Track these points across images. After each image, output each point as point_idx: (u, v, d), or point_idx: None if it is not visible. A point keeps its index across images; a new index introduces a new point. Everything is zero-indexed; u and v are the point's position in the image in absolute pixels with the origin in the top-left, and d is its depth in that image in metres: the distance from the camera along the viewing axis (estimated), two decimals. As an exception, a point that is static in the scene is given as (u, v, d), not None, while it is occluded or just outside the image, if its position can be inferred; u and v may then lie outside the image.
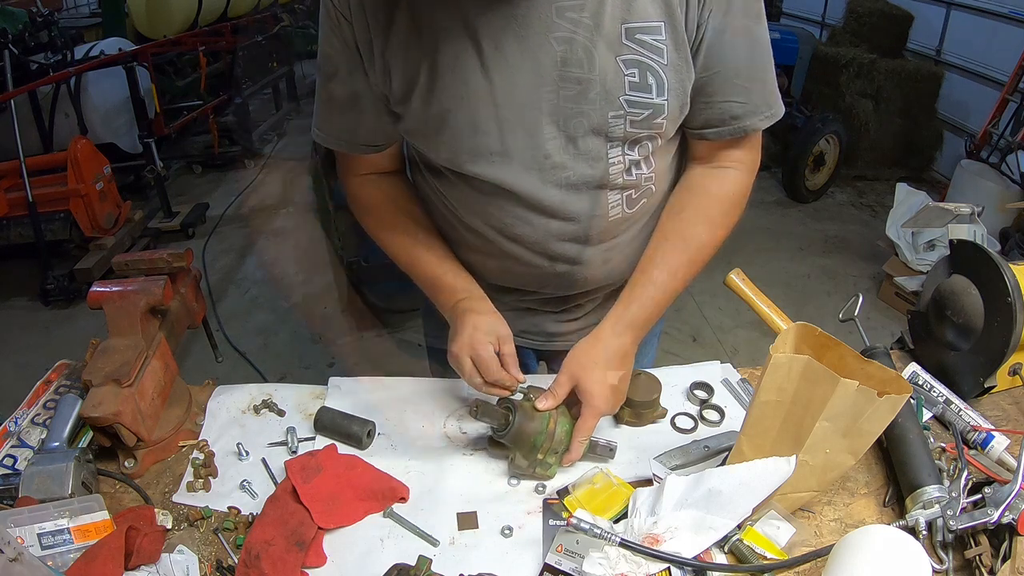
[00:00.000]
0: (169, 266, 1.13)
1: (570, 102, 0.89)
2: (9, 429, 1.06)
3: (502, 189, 0.97)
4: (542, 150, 0.93)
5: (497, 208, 1.00)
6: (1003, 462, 0.98)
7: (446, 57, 0.88)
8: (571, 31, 0.85)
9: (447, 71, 0.89)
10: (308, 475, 0.95)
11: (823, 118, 4.57)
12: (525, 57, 0.87)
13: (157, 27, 5.42)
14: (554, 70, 0.87)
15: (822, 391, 0.79)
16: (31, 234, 3.53)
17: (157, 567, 0.84)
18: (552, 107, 0.90)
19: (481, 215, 1.03)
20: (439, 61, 0.89)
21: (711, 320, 3.52)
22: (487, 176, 0.96)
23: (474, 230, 1.06)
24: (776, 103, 0.99)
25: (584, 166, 0.95)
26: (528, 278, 1.10)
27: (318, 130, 1.06)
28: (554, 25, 0.85)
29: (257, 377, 3.06)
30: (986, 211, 3.07)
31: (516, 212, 1.00)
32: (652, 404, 1.09)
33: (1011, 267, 1.05)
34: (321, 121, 1.06)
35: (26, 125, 3.74)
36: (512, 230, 1.02)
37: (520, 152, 0.93)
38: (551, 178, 0.96)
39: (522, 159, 0.94)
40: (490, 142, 0.93)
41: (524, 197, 0.97)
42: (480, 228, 1.05)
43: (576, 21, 0.85)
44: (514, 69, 0.88)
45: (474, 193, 1.01)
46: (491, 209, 1.01)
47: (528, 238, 1.02)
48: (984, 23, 4.68)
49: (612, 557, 0.81)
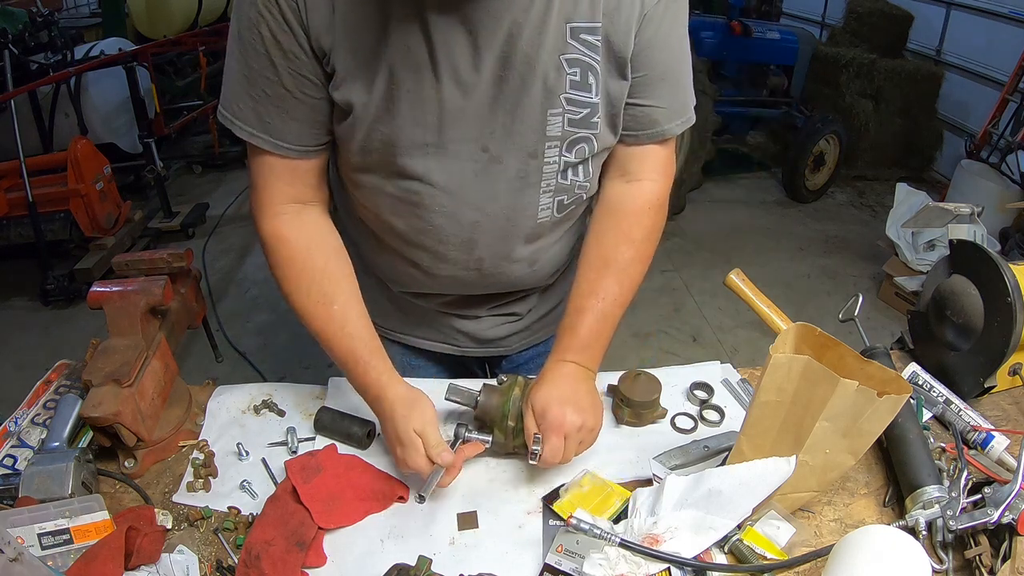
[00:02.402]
0: (169, 266, 1.13)
1: (512, 98, 0.89)
2: (9, 429, 1.06)
3: (431, 185, 0.95)
4: (480, 143, 0.92)
5: (425, 204, 0.97)
6: (1003, 462, 0.98)
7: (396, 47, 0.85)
8: (518, 28, 0.85)
9: (397, 60, 0.86)
10: (308, 475, 0.95)
11: (823, 118, 4.57)
12: (472, 55, 0.86)
13: (157, 27, 5.42)
14: (498, 66, 0.87)
15: (822, 391, 0.79)
16: (31, 234, 3.52)
17: (157, 567, 0.84)
18: (494, 101, 0.89)
19: (405, 215, 1.00)
20: (388, 48, 0.85)
21: (711, 320, 3.52)
22: (418, 170, 0.93)
23: (400, 234, 1.03)
24: (691, 110, 1.02)
25: (520, 162, 0.94)
26: (455, 281, 1.08)
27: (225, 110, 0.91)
28: (501, 21, 0.84)
29: (257, 377, 3.06)
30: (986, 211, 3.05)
31: (444, 207, 0.97)
32: (652, 404, 1.09)
33: (1011, 267, 1.05)
34: (233, 96, 0.90)
35: (26, 125, 3.74)
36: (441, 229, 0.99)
37: (456, 144, 0.92)
38: (485, 172, 0.94)
39: (457, 152, 0.92)
40: (427, 134, 0.91)
41: (455, 191, 0.95)
42: (402, 228, 1.01)
43: (523, 20, 0.84)
44: (459, 62, 0.86)
45: (401, 191, 0.97)
46: (418, 208, 0.98)
47: (455, 236, 1.00)
48: (984, 23, 4.68)
49: (612, 557, 0.81)
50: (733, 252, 4.14)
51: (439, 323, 1.21)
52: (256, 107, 0.89)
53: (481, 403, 1.01)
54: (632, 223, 1.03)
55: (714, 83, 4.19)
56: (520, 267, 1.08)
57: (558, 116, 0.91)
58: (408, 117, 0.89)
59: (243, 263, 4.11)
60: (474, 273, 1.06)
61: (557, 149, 0.94)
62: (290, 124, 0.91)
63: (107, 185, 3.76)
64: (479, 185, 0.95)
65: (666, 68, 0.96)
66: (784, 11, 6.39)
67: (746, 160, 5.55)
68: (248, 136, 0.92)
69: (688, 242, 4.27)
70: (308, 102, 0.90)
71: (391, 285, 1.17)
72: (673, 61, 0.96)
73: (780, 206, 4.81)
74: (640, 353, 3.26)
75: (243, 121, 0.91)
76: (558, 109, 0.91)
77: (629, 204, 1.04)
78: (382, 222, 1.03)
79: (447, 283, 1.09)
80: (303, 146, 0.94)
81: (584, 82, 0.90)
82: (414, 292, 1.16)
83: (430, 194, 0.95)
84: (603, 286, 1.01)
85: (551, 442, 0.91)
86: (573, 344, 0.99)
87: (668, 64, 0.96)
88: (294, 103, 0.89)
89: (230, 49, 0.89)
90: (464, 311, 1.19)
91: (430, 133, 0.90)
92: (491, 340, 1.23)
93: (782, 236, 4.39)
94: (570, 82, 0.89)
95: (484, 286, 1.11)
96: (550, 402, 0.93)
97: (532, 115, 0.90)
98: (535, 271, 1.11)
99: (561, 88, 0.89)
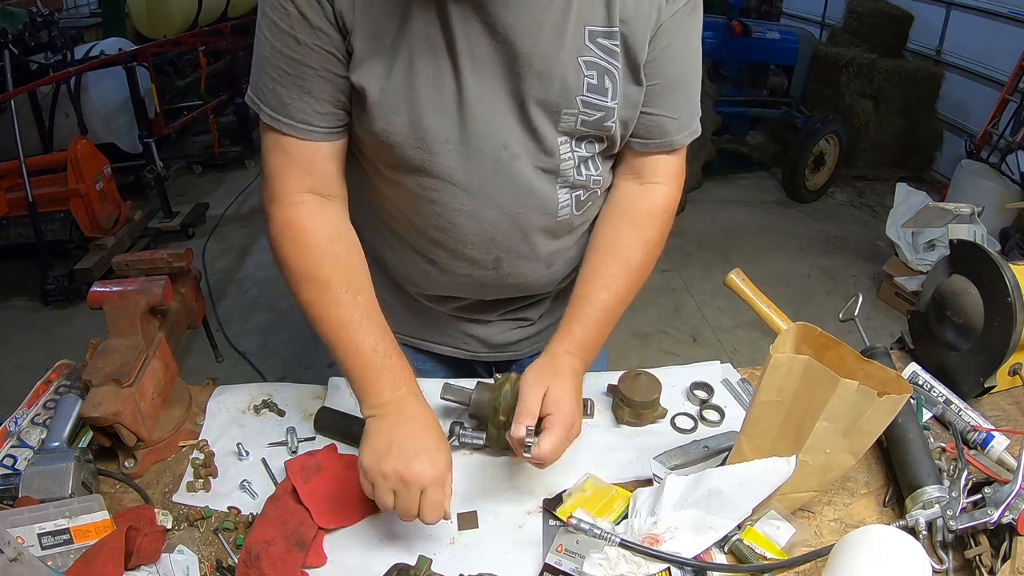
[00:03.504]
0: (169, 266, 1.13)
1: (530, 94, 0.89)
2: (9, 429, 1.06)
3: (452, 183, 0.94)
4: (501, 139, 0.92)
5: (444, 203, 0.96)
6: (1003, 462, 0.98)
7: (416, 33, 0.85)
8: (537, 25, 0.85)
9: (418, 48, 0.86)
10: (308, 475, 0.95)
11: (823, 118, 4.58)
12: (491, 48, 0.87)
13: (157, 27, 5.42)
14: (517, 61, 0.87)
15: (822, 391, 0.79)
16: (31, 234, 3.52)
17: (157, 567, 0.84)
18: (512, 96, 0.90)
19: (424, 212, 0.99)
20: (408, 33, 0.86)
21: (711, 320, 3.52)
22: (440, 169, 0.93)
23: (420, 230, 1.02)
24: (697, 121, 1.03)
25: (537, 159, 0.95)
26: (472, 281, 1.07)
27: (252, 94, 0.92)
28: (520, 17, 0.85)
29: (257, 377, 3.06)
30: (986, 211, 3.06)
31: (464, 206, 0.97)
32: (652, 404, 1.09)
33: (1011, 267, 1.05)
34: (259, 80, 0.90)
35: (26, 125, 3.73)
36: (460, 227, 0.99)
37: (477, 139, 0.91)
38: (506, 170, 0.94)
39: (479, 146, 0.92)
40: (448, 128, 0.90)
41: (476, 190, 0.95)
42: (421, 224, 1.01)
43: (542, 19, 0.85)
44: (478, 52, 0.87)
45: (421, 189, 0.96)
46: (437, 206, 0.97)
47: (475, 235, 0.99)
48: (984, 23, 4.69)
49: (612, 557, 0.81)
50: (733, 252, 4.14)
51: (451, 327, 1.20)
52: (278, 89, 0.89)
53: (474, 400, 1.02)
54: (647, 224, 1.03)
55: (714, 83, 4.19)
56: (537, 268, 1.07)
57: (572, 116, 0.92)
58: (429, 106, 0.88)
59: (243, 263, 4.11)
60: (491, 273, 1.05)
61: (569, 145, 0.95)
62: (312, 104, 0.89)
63: (107, 185, 3.76)
64: (499, 183, 0.95)
65: (677, 79, 0.97)
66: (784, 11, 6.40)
67: (746, 160, 5.55)
68: (270, 119, 0.91)
69: (688, 242, 4.27)
70: (332, 80, 0.88)
71: (406, 286, 1.16)
72: (685, 73, 0.97)
73: (780, 206, 4.82)
74: (640, 353, 3.26)
75: (267, 105, 0.90)
76: (573, 110, 0.91)
77: (643, 204, 1.04)
78: (402, 217, 1.03)
79: (463, 282, 1.08)
80: (324, 128, 0.92)
81: (601, 86, 0.90)
82: (428, 295, 1.15)
83: (451, 192, 0.95)
84: (615, 283, 1.00)
85: (556, 435, 0.87)
86: (578, 339, 0.98)
87: (680, 75, 0.97)
88: (318, 82, 0.88)
89: (257, 34, 0.88)
90: (476, 315, 1.18)
91: (451, 126, 0.90)
92: (502, 345, 1.22)
93: (782, 236, 4.39)
94: (587, 84, 0.90)
95: (499, 287, 1.09)
96: (563, 395, 0.91)
97: (548, 113, 0.91)
98: (552, 273, 1.10)
99: (578, 89, 0.90)
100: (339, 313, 0.91)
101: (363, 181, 1.05)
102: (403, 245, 1.08)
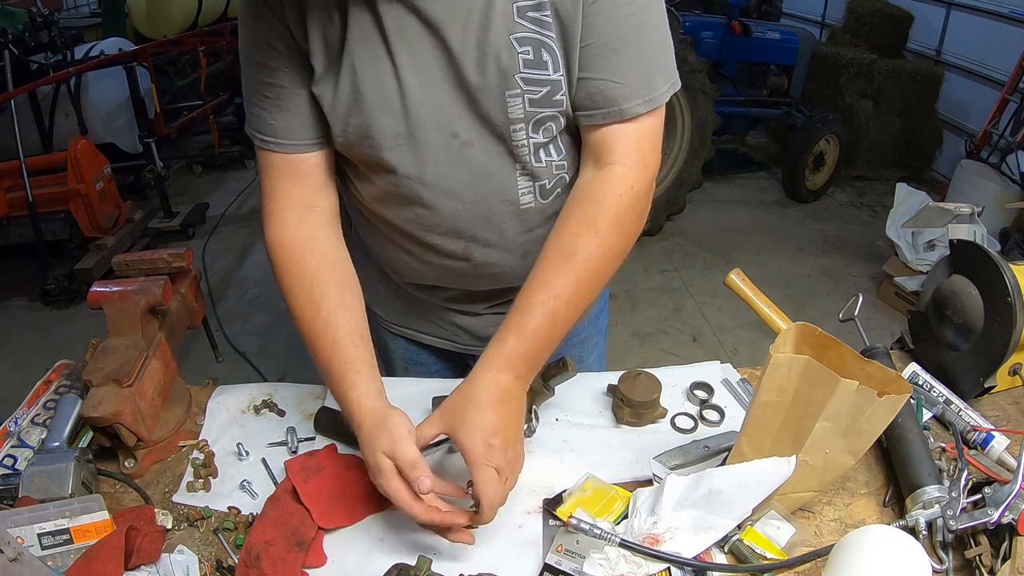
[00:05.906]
0: (169, 266, 1.14)
1: (470, 81, 0.89)
2: (9, 429, 1.06)
3: (407, 177, 0.95)
4: (448, 129, 0.92)
5: (404, 195, 0.98)
6: (1003, 462, 0.98)
7: (355, 39, 0.88)
8: (466, 11, 0.85)
9: (359, 53, 0.88)
10: (308, 475, 0.95)
11: (823, 118, 4.58)
12: (426, 43, 0.87)
13: (157, 27, 5.43)
14: (452, 50, 0.87)
15: (822, 391, 0.79)
16: (31, 234, 3.53)
17: (157, 567, 0.84)
18: (453, 86, 0.90)
19: (391, 205, 1.01)
20: (349, 42, 0.88)
21: (711, 320, 3.52)
22: (393, 162, 0.94)
23: (391, 223, 1.04)
24: (659, 89, 0.91)
25: (490, 145, 0.94)
26: (448, 271, 1.08)
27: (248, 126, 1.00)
28: (449, 12, 0.85)
29: (257, 377, 3.06)
30: (986, 211, 3.07)
31: (422, 197, 0.97)
32: (652, 404, 1.09)
33: (1011, 267, 1.05)
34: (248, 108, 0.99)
35: (26, 125, 3.74)
36: (424, 219, 1.00)
37: (423, 131, 0.92)
38: (458, 159, 0.94)
39: (426, 138, 0.92)
40: (396, 123, 0.91)
41: (431, 181, 0.96)
42: (391, 218, 1.03)
43: (470, 5, 0.85)
44: (417, 53, 0.88)
45: (386, 183, 0.99)
46: (400, 199, 0.99)
47: (438, 226, 1.00)
48: (984, 23, 4.69)
49: (612, 557, 0.81)
50: (733, 252, 4.14)
51: (440, 318, 1.21)
52: (262, 114, 0.97)
53: None
54: (596, 210, 0.92)
55: (714, 83, 4.19)
56: (511, 258, 1.06)
57: (517, 97, 0.90)
58: (375, 107, 0.91)
59: (243, 263, 4.11)
60: (464, 263, 1.06)
61: (524, 131, 0.94)
62: (292, 120, 0.96)
63: (107, 185, 3.77)
64: (453, 172, 0.96)
65: (618, 39, 0.88)
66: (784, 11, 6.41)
67: (746, 160, 5.55)
68: (260, 142, 0.99)
69: (688, 242, 4.27)
70: (306, 96, 0.95)
71: (392, 275, 1.18)
72: (627, 33, 0.88)
73: (780, 206, 4.82)
74: (640, 353, 3.27)
75: (256, 130, 0.98)
76: (516, 90, 0.90)
77: (596, 190, 0.93)
78: (374, 213, 1.06)
79: (440, 272, 1.09)
80: (306, 140, 0.98)
81: (539, 60, 0.88)
82: (415, 284, 1.17)
83: (408, 186, 0.97)
84: (557, 282, 0.90)
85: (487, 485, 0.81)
86: (514, 351, 0.89)
87: (620, 35, 0.88)
88: (294, 99, 0.95)
89: (242, 72, 0.98)
90: (464, 306, 1.19)
91: (398, 122, 0.92)
92: (490, 337, 1.23)
93: (782, 236, 4.39)
94: (523, 61, 0.88)
95: (476, 277, 1.10)
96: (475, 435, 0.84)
97: (492, 97, 0.90)
98: (528, 263, 1.05)
99: (515, 68, 0.88)
100: (303, 328, 0.99)
101: (344, 179, 1.09)
102: (383, 237, 1.11)
